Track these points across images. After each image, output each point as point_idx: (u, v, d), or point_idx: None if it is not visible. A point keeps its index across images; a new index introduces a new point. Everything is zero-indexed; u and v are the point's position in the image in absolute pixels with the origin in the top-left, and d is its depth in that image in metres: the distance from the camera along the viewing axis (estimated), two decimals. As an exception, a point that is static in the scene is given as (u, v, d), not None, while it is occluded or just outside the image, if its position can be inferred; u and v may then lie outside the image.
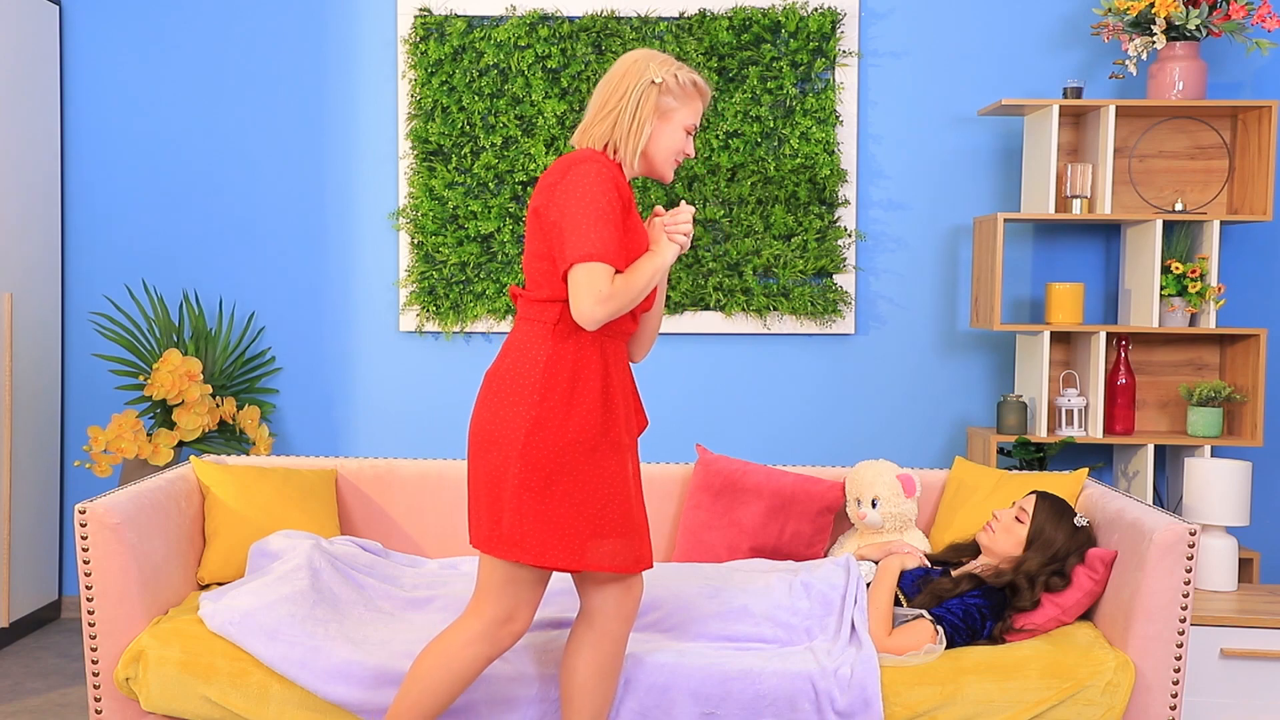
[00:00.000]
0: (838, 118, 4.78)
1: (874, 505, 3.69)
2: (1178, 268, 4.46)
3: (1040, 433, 4.52)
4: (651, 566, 2.83)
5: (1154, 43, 4.45)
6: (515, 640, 2.82)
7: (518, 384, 2.72)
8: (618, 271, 2.66)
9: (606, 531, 2.73)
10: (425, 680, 2.80)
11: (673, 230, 2.75)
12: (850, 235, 4.80)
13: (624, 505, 2.76)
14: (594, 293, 2.61)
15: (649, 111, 2.73)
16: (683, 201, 2.71)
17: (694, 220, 2.79)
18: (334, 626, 3.14)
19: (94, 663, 3.16)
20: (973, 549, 3.48)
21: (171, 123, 4.92)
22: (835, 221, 4.80)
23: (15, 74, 4.56)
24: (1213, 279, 4.47)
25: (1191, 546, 3.07)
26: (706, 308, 4.82)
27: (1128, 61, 4.53)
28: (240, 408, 4.78)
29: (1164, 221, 4.55)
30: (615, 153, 2.76)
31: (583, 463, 2.70)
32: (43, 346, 4.77)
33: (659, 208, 2.85)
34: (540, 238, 2.73)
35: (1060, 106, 4.47)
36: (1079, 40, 4.79)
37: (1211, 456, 4.53)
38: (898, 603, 3.26)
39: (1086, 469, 3.76)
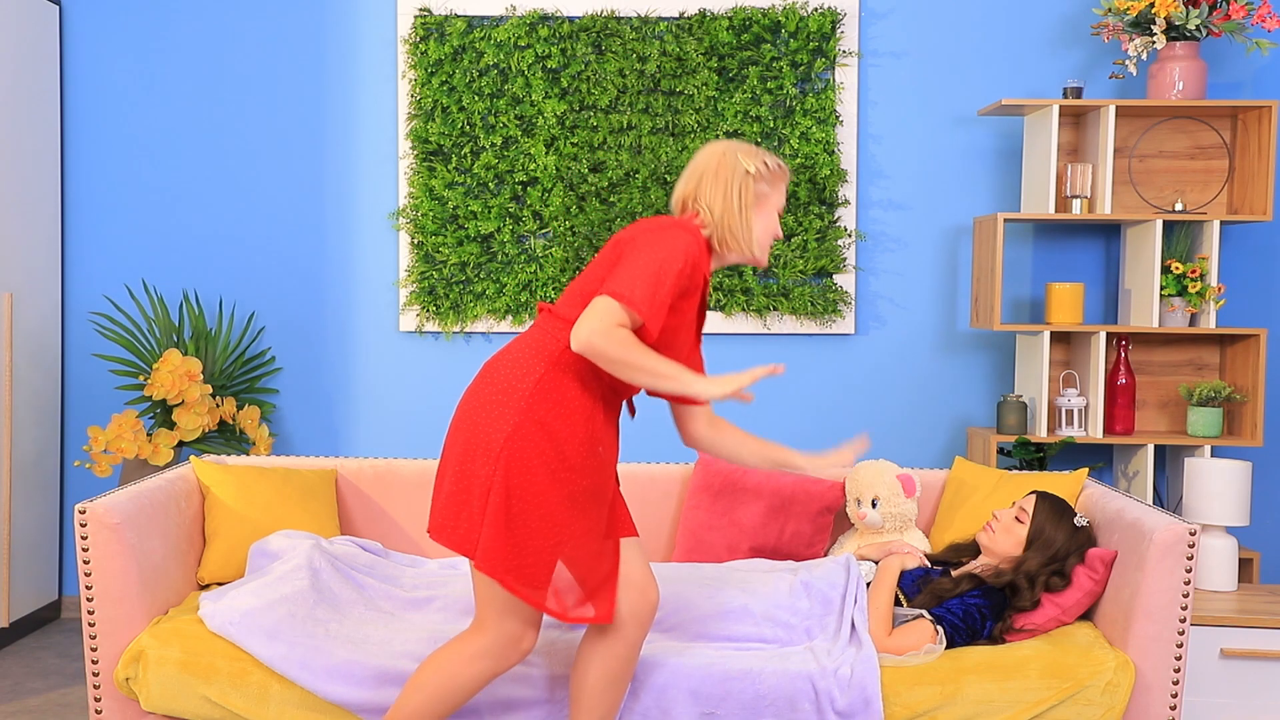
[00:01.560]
0: (838, 118, 4.78)
1: (874, 505, 3.69)
2: (1178, 268, 4.46)
3: (1040, 433, 4.52)
4: (609, 620, 2.78)
5: (1154, 43, 4.45)
6: (523, 658, 2.83)
7: (509, 385, 2.72)
8: (643, 330, 2.66)
9: (536, 573, 2.70)
10: (427, 690, 2.80)
11: (736, 387, 2.66)
12: (850, 235, 4.81)
13: (561, 551, 2.72)
14: (604, 323, 2.58)
15: (750, 201, 2.80)
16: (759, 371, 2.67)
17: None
18: (334, 626, 3.14)
19: (94, 663, 3.16)
20: (973, 549, 3.48)
21: (171, 123, 4.92)
22: (835, 221, 4.80)
23: (15, 74, 4.56)
24: (1213, 279, 4.47)
25: (1191, 546, 3.07)
26: (707, 309, 4.82)
27: (1128, 61, 4.53)
28: (240, 408, 4.78)
29: (1164, 221, 4.55)
30: (723, 244, 2.81)
31: (550, 490, 2.68)
32: (43, 346, 4.77)
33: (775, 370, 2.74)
34: (602, 265, 2.75)
35: (1060, 106, 4.47)
36: (1079, 40, 4.79)
37: (1211, 456, 4.53)
38: (898, 603, 3.26)
39: (1086, 469, 3.76)
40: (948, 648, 3.15)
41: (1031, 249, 4.82)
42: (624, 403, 2.88)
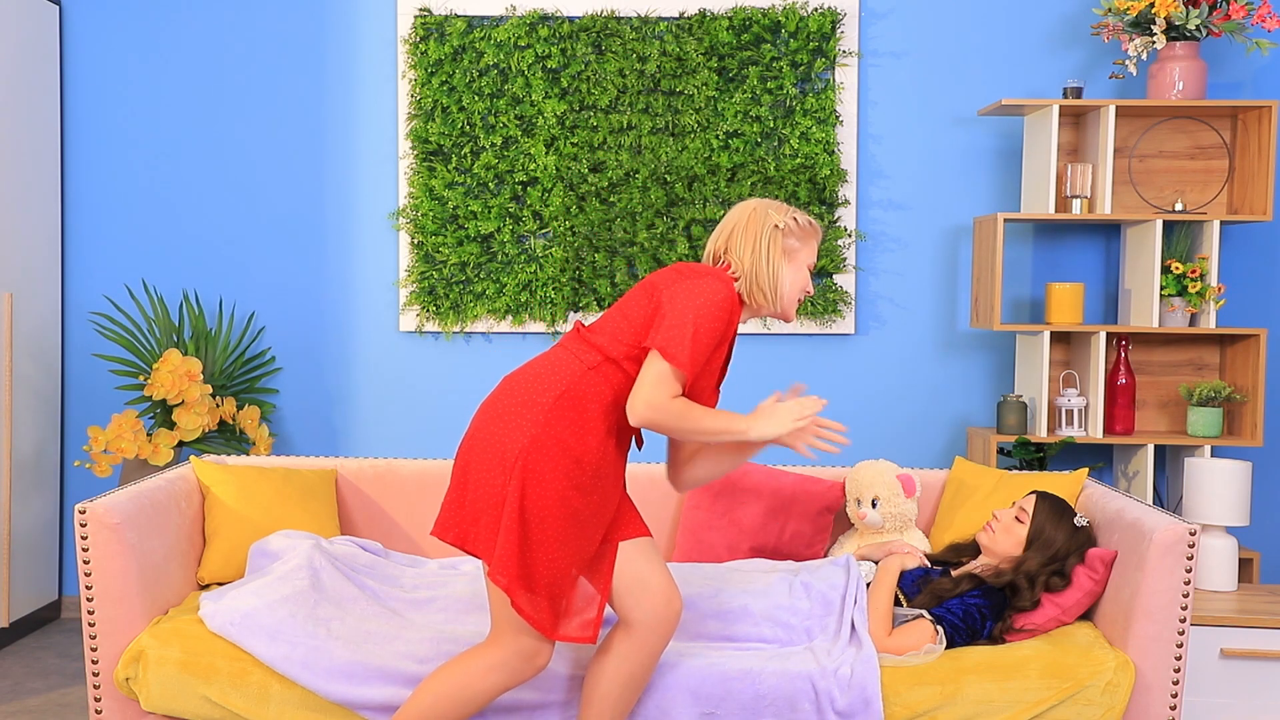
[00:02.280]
0: (838, 118, 4.78)
1: (874, 505, 3.69)
2: (1178, 268, 4.46)
3: (1040, 433, 4.52)
4: (553, 638, 2.79)
5: (1154, 43, 4.45)
6: (537, 673, 2.86)
7: (529, 398, 2.77)
8: (685, 385, 2.75)
9: (537, 586, 2.74)
10: (440, 699, 2.82)
11: (802, 429, 2.80)
12: (850, 235, 4.81)
13: (564, 570, 2.75)
14: (654, 395, 2.71)
15: (779, 255, 2.86)
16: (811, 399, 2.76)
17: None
18: (336, 626, 3.14)
19: (94, 663, 3.16)
20: (973, 549, 3.48)
21: (171, 123, 4.92)
22: (835, 221, 4.80)
23: (15, 74, 4.56)
24: (1213, 279, 4.47)
25: (1191, 546, 3.07)
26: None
27: (1128, 61, 4.53)
28: (240, 408, 4.78)
29: (1164, 221, 4.55)
30: (751, 297, 2.88)
31: (559, 507, 2.72)
32: (43, 346, 4.77)
33: (803, 397, 2.82)
34: (636, 301, 2.82)
35: (1060, 106, 4.47)
36: (1079, 40, 4.79)
37: (1211, 456, 4.53)
38: (898, 603, 3.26)
39: (1086, 469, 3.76)
40: (948, 648, 3.15)
41: (1031, 249, 4.82)
42: (634, 435, 2.93)
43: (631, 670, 2.86)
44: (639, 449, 2.99)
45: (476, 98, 4.79)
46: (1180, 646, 3.08)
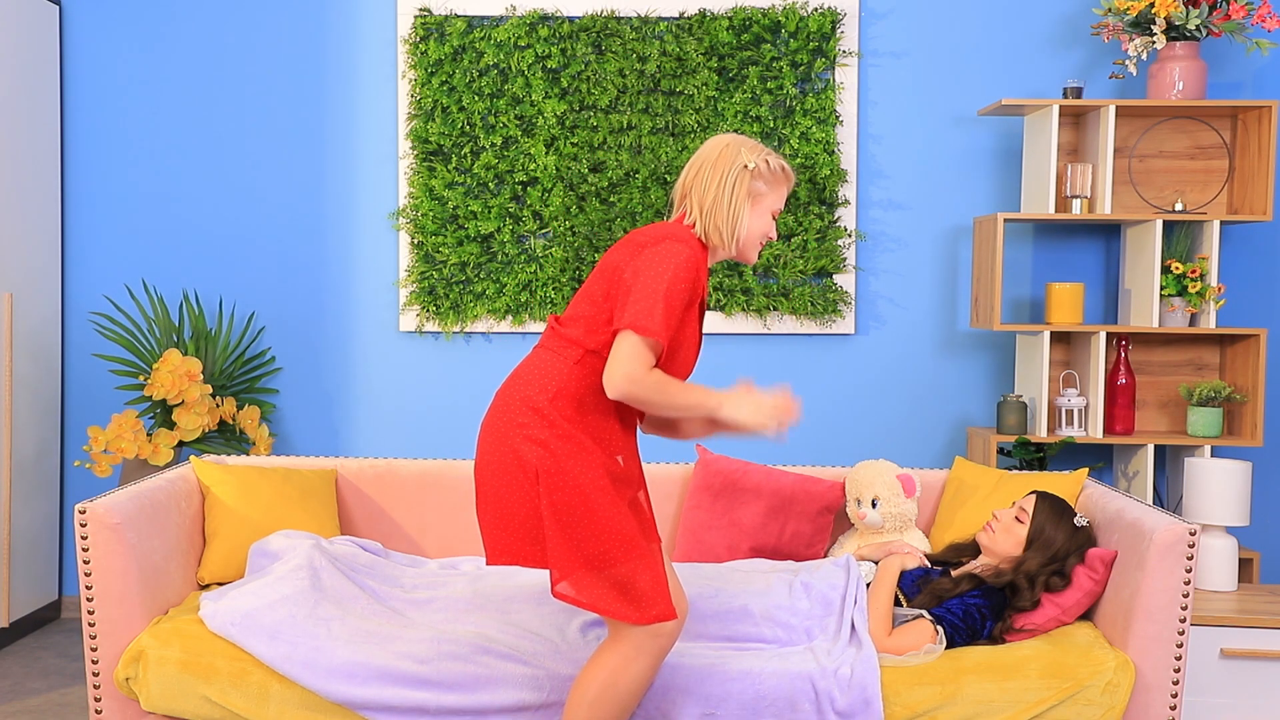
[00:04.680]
0: (838, 118, 4.78)
1: (874, 505, 3.69)
2: (1178, 268, 4.46)
3: (1040, 433, 4.52)
4: (670, 617, 2.73)
5: (1154, 43, 4.45)
6: (674, 638, 2.78)
7: (528, 407, 2.73)
8: (662, 352, 2.69)
9: (629, 580, 2.69)
10: (595, 705, 2.76)
11: (771, 415, 2.69)
12: (850, 235, 4.81)
13: (636, 551, 2.72)
14: (632, 368, 2.64)
15: (743, 197, 2.77)
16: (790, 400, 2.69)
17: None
18: (336, 626, 3.14)
19: (94, 663, 3.16)
20: (973, 549, 3.48)
21: (171, 122, 4.92)
22: (835, 221, 4.80)
23: (15, 74, 4.56)
24: (1213, 279, 4.47)
25: (1191, 546, 3.07)
26: (707, 308, 4.82)
27: (1128, 61, 4.54)
28: (240, 408, 4.78)
29: (1164, 221, 4.55)
30: (707, 236, 2.80)
31: (592, 495, 2.69)
32: (43, 346, 4.77)
33: (785, 396, 2.74)
34: (601, 285, 2.76)
35: (1060, 106, 4.47)
36: (1079, 40, 4.79)
37: (1211, 456, 4.53)
38: (898, 603, 3.26)
39: (1086, 469, 3.76)
40: (948, 648, 3.15)
41: (1031, 249, 4.82)
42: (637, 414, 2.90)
43: (614, 684, 2.78)
44: (642, 428, 2.96)
45: (476, 98, 4.79)
46: (1180, 646, 3.09)
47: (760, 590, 3.30)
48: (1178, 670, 3.09)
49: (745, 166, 2.77)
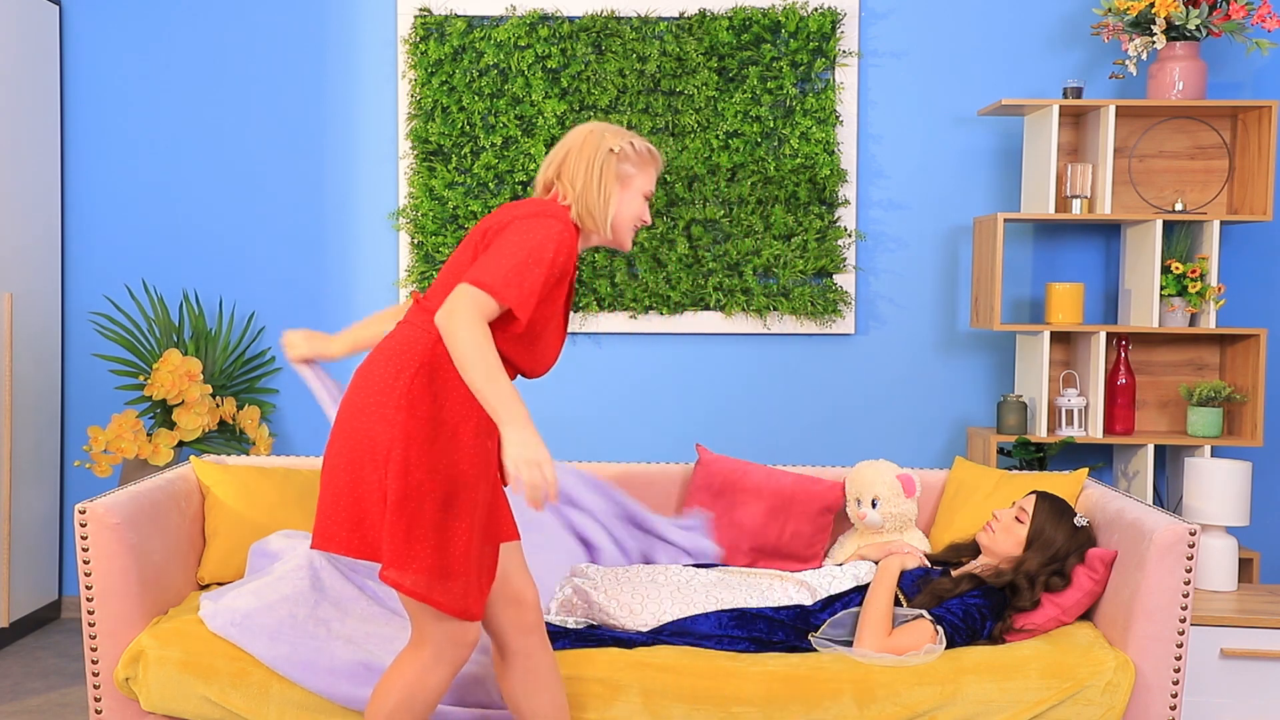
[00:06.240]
0: (838, 118, 4.78)
1: (874, 505, 3.69)
2: (1178, 268, 4.46)
3: (1040, 433, 4.52)
4: (478, 619, 2.64)
5: (1154, 43, 4.45)
6: (472, 650, 2.73)
7: (385, 387, 2.62)
8: (511, 318, 2.59)
9: (454, 571, 2.59)
10: (392, 715, 2.71)
11: (532, 478, 2.45)
12: (850, 235, 4.80)
13: (468, 546, 2.62)
14: (471, 313, 2.50)
15: (612, 180, 2.73)
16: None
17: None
18: (336, 626, 3.14)
19: (94, 663, 3.16)
20: (973, 549, 3.48)
21: (171, 123, 4.92)
22: (835, 221, 4.80)
23: (15, 74, 4.56)
24: (1213, 279, 4.47)
25: (1191, 546, 3.07)
26: (706, 308, 4.82)
27: (1128, 61, 4.53)
28: (240, 408, 4.78)
29: (1164, 221, 4.55)
30: (581, 220, 2.75)
31: (445, 489, 2.59)
32: (43, 346, 4.77)
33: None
34: (468, 254, 2.68)
35: (1060, 106, 4.47)
36: (1079, 40, 4.79)
37: (1211, 456, 4.53)
38: (898, 603, 3.26)
39: (1086, 469, 3.76)
40: (948, 648, 3.14)
41: (1031, 249, 4.82)
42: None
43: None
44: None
45: (476, 98, 4.79)
46: (1180, 646, 3.09)
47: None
48: (1178, 670, 3.09)
49: (611, 150, 2.74)
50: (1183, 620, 3.08)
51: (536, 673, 2.81)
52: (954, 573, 3.36)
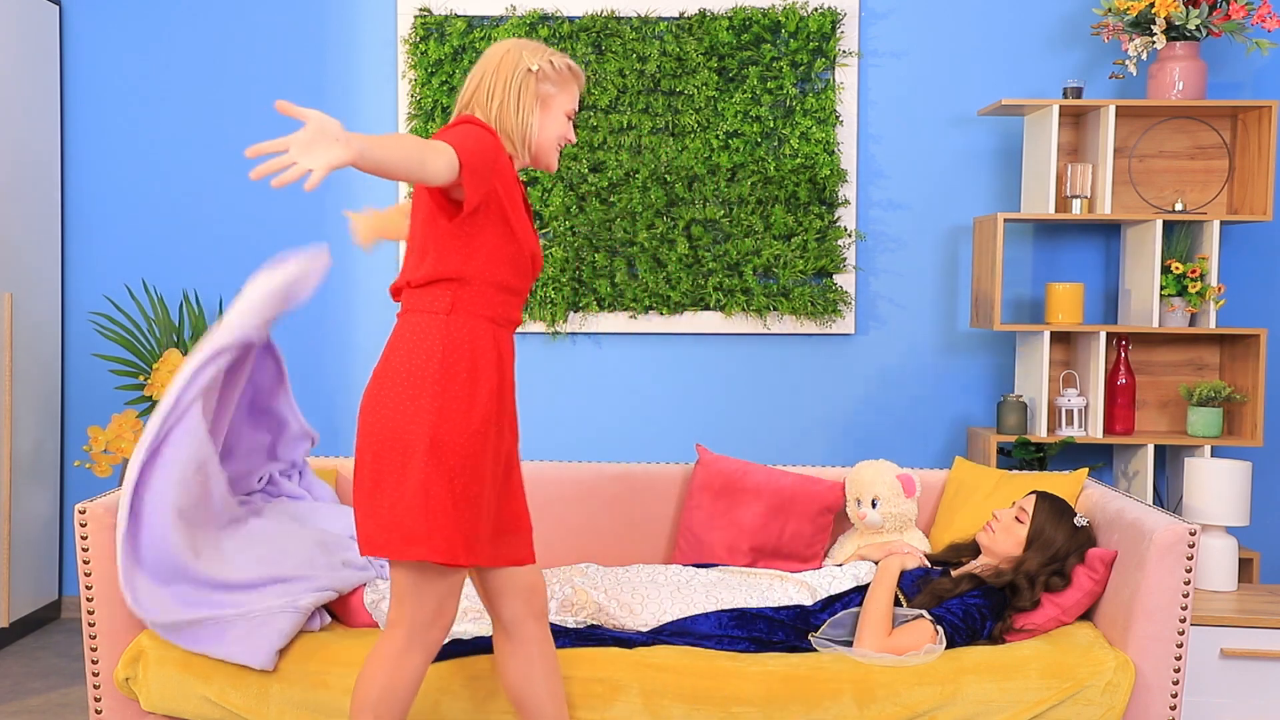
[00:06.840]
0: (838, 118, 4.78)
1: (874, 505, 3.69)
2: (1178, 268, 4.46)
3: (1040, 433, 4.52)
4: (534, 562, 2.77)
5: (1154, 43, 4.45)
6: (445, 635, 2.72)
7: (415, 379, 2.58)
8: (463, 194, 2.49)
9: (506, 528, 2.69)
10: (379, 705, 2.70)
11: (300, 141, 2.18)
12: (850, 235, 4.81)
13: (517, 503, 2.74)
14: (439, 151, 2.36)
15: (531, 101, 2.65)
16: None
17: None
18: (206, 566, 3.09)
19: (94, 663, 3.16)
20: (973, 549, 3.48)
21: (171, 123, 4.92)
22: (835, 221, 4.80)
23: (15, 74, 4.56)
24: (1213, 279, 4.47)
25: (1191, 546, 3.07)
26: (706, 308, 4.82)
27: (1128, 61, 4.54)
28: (240, 408, 4.78)
29: (1164, 221, 4.55)
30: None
31: (487, 456, 2.60)
32: (43, 346, 4.77)
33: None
34: (419, 217, 2.62)
35: (1060, 106, 4.47)
36: (1079, 40, 4.79)
37: (1211, 456, 4.53)
38: (898, 603, 3.26)
39: (1086, 469, 3.76)
40: (948, 648, 3.14)
41: (1031, 249, 4.82)
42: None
43: (528, 666, 2.78)
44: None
45: (476, 98, 4.78)
46: (1180, 646, 3.09)
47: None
48: (1178, 670, 3.09)
49: (529, 69, 2.65)
50: (1183, 620, 3.08)
51: (540, 660, 2.81)
52: (954, 573, 3.36)
